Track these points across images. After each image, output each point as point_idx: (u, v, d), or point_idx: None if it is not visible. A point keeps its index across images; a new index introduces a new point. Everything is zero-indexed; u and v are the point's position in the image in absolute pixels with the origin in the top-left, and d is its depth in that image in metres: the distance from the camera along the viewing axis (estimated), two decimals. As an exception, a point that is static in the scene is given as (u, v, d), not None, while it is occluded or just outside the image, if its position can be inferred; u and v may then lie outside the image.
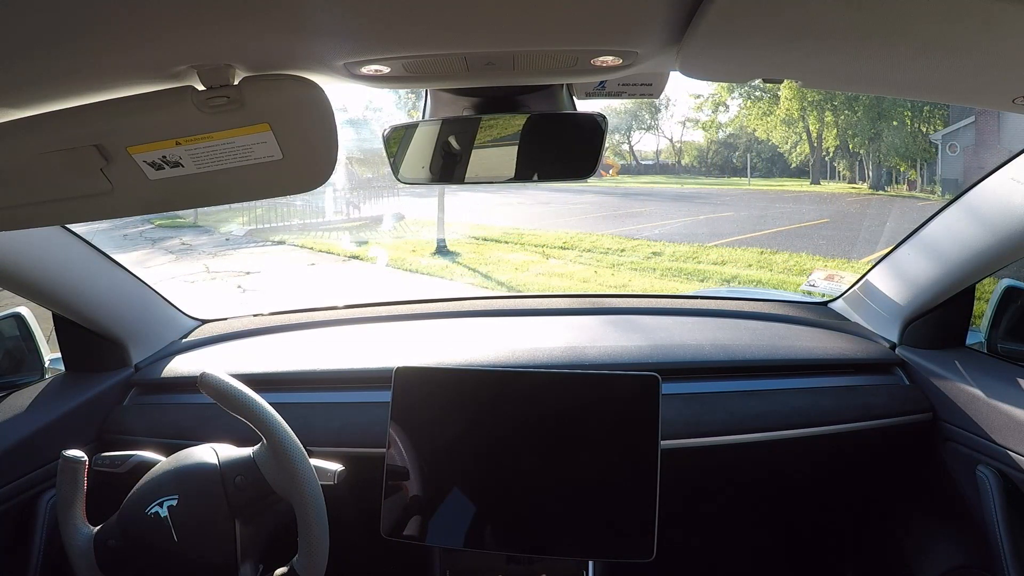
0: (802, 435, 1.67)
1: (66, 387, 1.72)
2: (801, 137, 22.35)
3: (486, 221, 14.76)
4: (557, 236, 12.97)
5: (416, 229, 14.16)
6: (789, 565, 2.12)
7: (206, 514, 1.25)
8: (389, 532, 1.43)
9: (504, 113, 1.08)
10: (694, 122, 30.54)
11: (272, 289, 9.36)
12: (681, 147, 32.10)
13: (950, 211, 1.66)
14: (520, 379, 1.48)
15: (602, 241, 12.48)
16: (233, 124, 0.83)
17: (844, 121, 20.63)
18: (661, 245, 11.73)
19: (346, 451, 1.55)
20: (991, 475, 1.55)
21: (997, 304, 1.77)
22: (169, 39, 0.71)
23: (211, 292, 9.34)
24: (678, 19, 0.74)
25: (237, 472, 1.29)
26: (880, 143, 19.27)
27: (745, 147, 27.11)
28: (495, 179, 1.12)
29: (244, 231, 14.35)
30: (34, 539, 1.51)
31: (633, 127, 32.44)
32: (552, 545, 1.39)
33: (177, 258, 12.15)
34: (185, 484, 1.27)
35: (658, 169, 31.36)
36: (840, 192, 19.55)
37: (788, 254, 10.79)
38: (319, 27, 0.73)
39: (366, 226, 14.80)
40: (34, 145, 0.83)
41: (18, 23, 0.62)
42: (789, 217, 14.40)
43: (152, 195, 0.93)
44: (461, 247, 12.18)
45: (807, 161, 22.70)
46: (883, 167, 19.69)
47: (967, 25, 0.69)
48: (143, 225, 15.44)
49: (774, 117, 22.49)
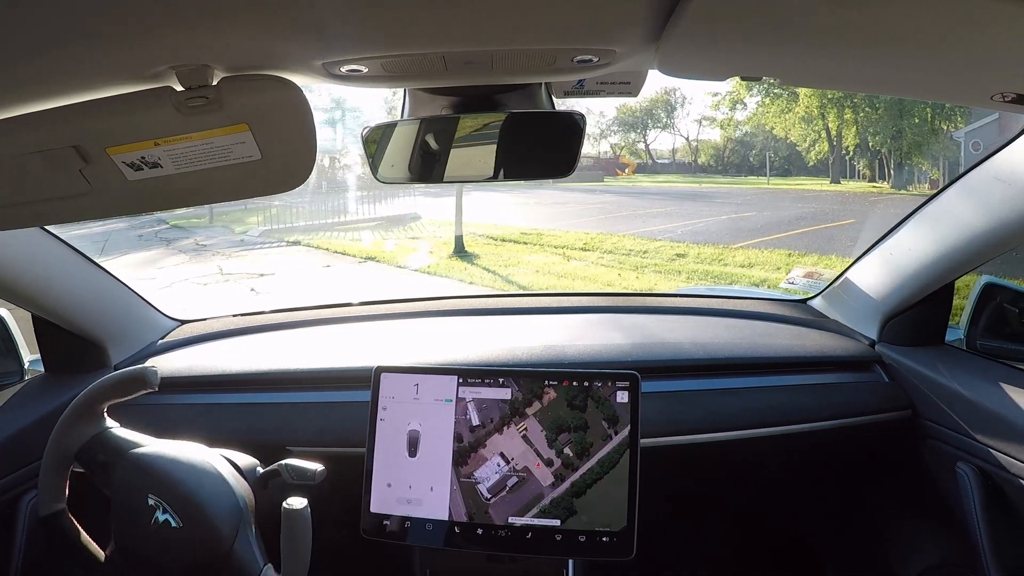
0: (782, 433, 1.67)
1: (46, 388, 1.72)
2: (820, 135, 22.24)
3: (502, 221, 14.73)
4: (577, 236, 12.87)
5: (432, 229, 14.17)
6: (770, 562, 2.12)
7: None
8: (369, 532, 1.42)
9: (483, 112, 1.09)
10: (711, 120, 30.57)
11: (286, 291, 9.27)
12: (697, 146, 32.17)
13: (929, 208, 1.67)
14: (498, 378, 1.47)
15: (623, 242, 12.32)
16: (212, 125, 0.84)
17: (864, 118, 20.52)
18: (685, 246, 11.58)
19: (326, 451, 1.56)
20: (971, 472, 1.56)
21: (976, 300, 1.78)
22: (147, 40, 0.71)
23: (224, 295, 9.26)
24: (656, 18, 0.75)
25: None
26: (902, 141, 19.12)
27: (762, 145, 27.10)
28: (474, 178, 1.14)
29: (259, 231, 14.41)
30: (15, 541, 1.51)
31: (649, 126, 32.53)
32: (532, 545, 1.38)
33: (191, 258, 12.13)
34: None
35: (674, 168, 31.44)
36: (861, 191, 19.39)
37: (817, 256, 10.63)
38: (297, 27, 0.74)
39: (381, 226, 14.85)
40: (12, 146, 0.83)
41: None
42: (813, 217, 14.25)
43: (131, 196, 0.93)
44: (478, 248, 12.06)
45: (825, 160, 22.57)
46: (904, 166, 19.54)
47: (944, 22, 0.70)
48: (159, 225, 15.58)
49: (793, 115, 22.44)
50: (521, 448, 1.41)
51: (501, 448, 1.42)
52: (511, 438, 1.42)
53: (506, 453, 1.41)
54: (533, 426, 1.41)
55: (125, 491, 1.25)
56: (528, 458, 1.40)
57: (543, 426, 1.41)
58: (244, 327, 2.06)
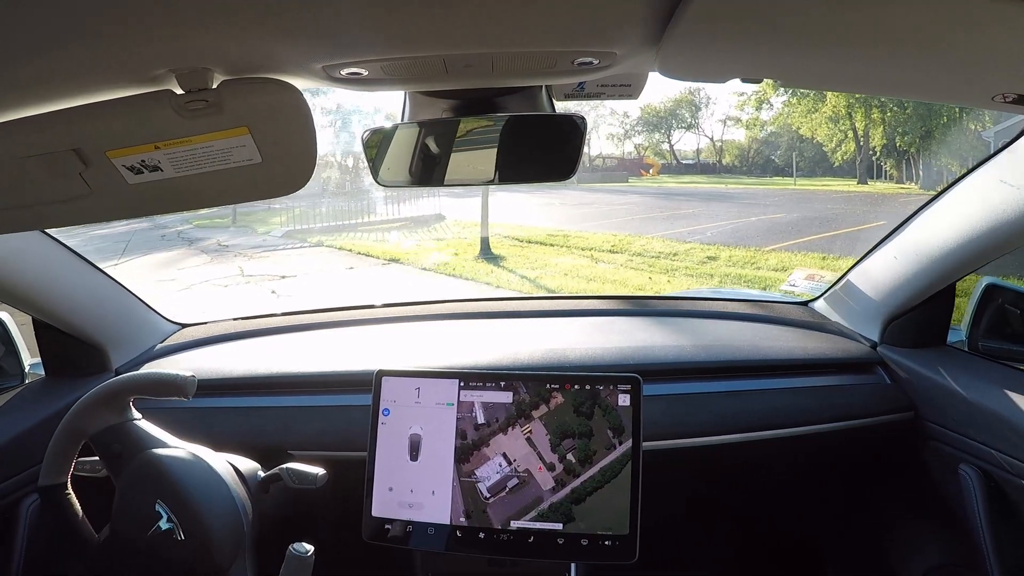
0: (784, 435, 1.67)
1: (46, 392, 1.72)
2: (847, 135, 21.98)
3: (527, 222, 14.67)
4: (604, 238, 12.75)
5: (457, 230, 14.17)
6: (773, 565, 2.11)
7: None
8: (371, 536, 1.42)
9: (483, 115, 1.08)
10: (735, 120, 30.37)
11: (307, 294, 9.20)
12: (722, 146, 31.96)
13: (931, 209, 1.66)
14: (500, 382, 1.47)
15: (652, 244, 12.18)
16: (212, 128, 0.84)
17: (892, 118, 20.25)
18: (715, 249, 11.42)
19: (327, 455, 1.55)
20: (973, 474, 1.56)
21: (978, 302, 1.76)
22: (147, 42, 0.72)
23: (244, 297, 9.22)
24: (656, 19, 0.75)
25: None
26: (931, 141, 18.86)
27: (787, 146, 26.87)
28: (475, 181, 1.14)
29: (282, 232, 14.49)
30: (15, 545, 1.51)
31: (673, 126, 32.38)
32: (534, 548, 1.38)
33: (212, 259, 12.18)
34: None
35: (699, 168, 31.28)
36: (889, 192, 19.12)
37: (854, 260, 10.32)
38: (297, 30, 0.74)
39: (406, 227, 14.90)
40: (12, 149, 0.83)
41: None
42: (844, 219, 14.00)
43: (131, 199, 0.93)
44: (504, 249, 11.97)
45: (850, 160, 22.31)
46: (933, 166, 19.27)
47: (944, 23, 0.70)
48: (182, 225, 15.72)
49: (819, 114, 22.21)
50: (524, 450, 1.41)
51: (504, 448, 1.41)
52: (515, 439, 1.42)
53: (509, 454, 1.41)
54: (538, 429, 1.41)
55: (134, 488, 1.26)
56: (530, 461, 1.40)
57: (548, 430, 1.41)
58: (244, 331, 2.06)
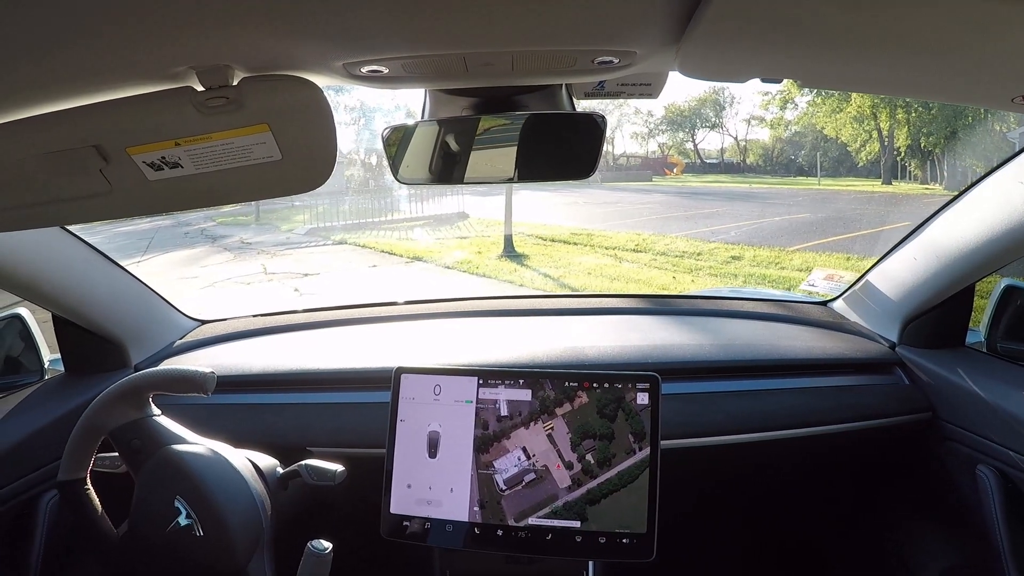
0: (802, 435, 1.67)
1: (66, 388, 1.72)
2: (871, 135, 21.71)
3: (551, 220, 14.61)
4: (628, 238, 12.67)
5: (480, 228, 14.16)
6: (781, 565, 2.11)
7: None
8: (389, 533, 1.42)
9: (503, 113, 1.08)
10: (759, 120, 30.11)
11: (331, 293, 9.14)
12: (746, 145, 31.67)
13: (950, 210, 1.66)
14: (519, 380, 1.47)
15: (676, 243, 12.07)
16: (232, 125, 0.84)
17: (917, 119, 19.98)
18: (740, 248, 11.29)
19: (346, 451, 1.56)
20: (991, 475, 1.55)
21: (997, 303, 1.76)
22: (168, 40, 0.72)
23: (266, 295, 9.19)
24: (677, 19, 0.74)
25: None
26: (956, 142, 18.60)
27: (812, 145, 26.60)
28: (494, 179, 1.13)
29: (305, 229, 14.55)
30: (34, 540, 1.52)
31: (697, 125, 32.16)
32: (552, 546, 1.38)
33: (235, 257, 12.21)
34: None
35: (722, 168, 31.03)
36: (914, 193, 18.81)
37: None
38: (318, 28, 0.74)
39: (429, 225, 14.91)
40: (33, 146, 0.84)
41: (18, 24, 0.64)
42: (870, 220, 13.77)
43: (151, 196, 0.94)
44: (527, 248, 11.92)
45: (874, 160, 22.02)
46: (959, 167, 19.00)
47: (964, 26, 0.70)
48: (205, 222, 15.80)
49: (844, 114, 21.95)
50: (544, 446, 1.41)
51: (524, 443, 1.42)
52: (536, 435, 1.42)
53: (528, 448, 1.41)
54: (560, 427, 1.41)
55: (153, 484, 1.28)
56: (549, 457, 1.40)
57: (570, 429, 1.41)
58: (264, 327, 2.07)
